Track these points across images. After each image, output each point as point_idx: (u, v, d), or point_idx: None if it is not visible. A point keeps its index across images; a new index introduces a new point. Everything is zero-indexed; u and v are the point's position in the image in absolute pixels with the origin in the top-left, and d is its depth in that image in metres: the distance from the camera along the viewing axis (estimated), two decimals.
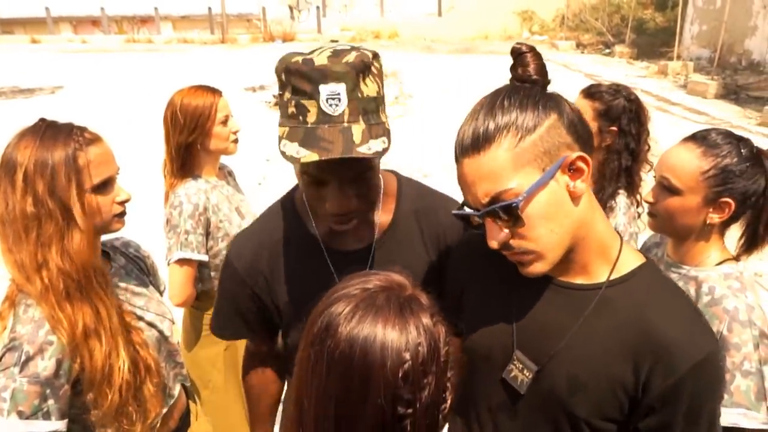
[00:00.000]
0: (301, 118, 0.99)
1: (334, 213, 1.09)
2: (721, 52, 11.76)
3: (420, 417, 0.74)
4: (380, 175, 1.26)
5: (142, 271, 1.56)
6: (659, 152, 1.51)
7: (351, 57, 0.99)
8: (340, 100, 0.98)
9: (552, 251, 0.96)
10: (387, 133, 1.05)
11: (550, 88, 0.99)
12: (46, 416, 1.19)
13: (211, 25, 22.16)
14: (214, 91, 2.10)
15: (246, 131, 2.39)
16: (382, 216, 1.25)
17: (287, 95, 1.01)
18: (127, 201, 1.36)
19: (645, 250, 1.69)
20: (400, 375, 0.72)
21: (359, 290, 0.77)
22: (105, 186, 1.30)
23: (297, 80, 0.98)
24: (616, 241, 1.02)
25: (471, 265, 1.17)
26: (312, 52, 1.01)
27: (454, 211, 1.02)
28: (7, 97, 11.46)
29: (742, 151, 1.33)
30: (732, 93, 10.69)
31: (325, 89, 0.97)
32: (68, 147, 1.23)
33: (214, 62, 15.31)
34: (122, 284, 1.44)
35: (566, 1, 18.96)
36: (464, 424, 1.15)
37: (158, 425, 1.44)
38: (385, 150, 1.02)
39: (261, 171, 6.67)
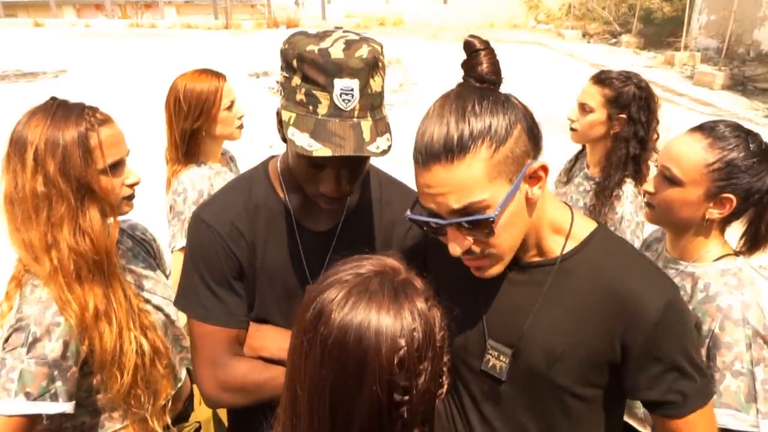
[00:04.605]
0: (311, 107, 0.99)
1: (330, 196, 1.11)
2: (730, 42, 11.64)
3: (417, 404, 0.73)
4: None
5: (149, 254, 1.56)
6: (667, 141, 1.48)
7: (364, 52, 0.99)
8: (352, 96, 0.99)
9: (509, 253, 1.00)
10: (389, 128, 1.07)
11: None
12: (54, 398, 1.19)
13: (215, 10, 22.02)
14: (218, 75, 2.05)
15: (250, 117, 2.38)
16: (350, 198, 1.27)
17: (296, 81, 1.00)
18: (136, 184, 1.36)
19: (646, 246, 1.67)
20: (395, 362, 0.71)
21: (352, 275, 0.76)
22: (115, 168, 1.29)
23: (310, 69, 0.98)
24: (568, 214, 1.06)
25: (442, 263, 1.17)
26: (323, 39, 1.00)
27: (412, 216, 1.00)
28: (10, 80, 11.43)
29: (751, 145, 1.28)
30: (739, 84, 10.60)
31: (339, 83, 0.98)
32: (80, 127, 1.23)
33: (218, 48, 15.22)
34: (130, 267, 1.44)
35: None
36: (447, 415, 1.16)
37: (169, 406, 1.45)
38: (390, 147, 1.04)
39: (264, 156, 6.64)
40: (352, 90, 0.98)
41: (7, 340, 1.20)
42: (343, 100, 0.99)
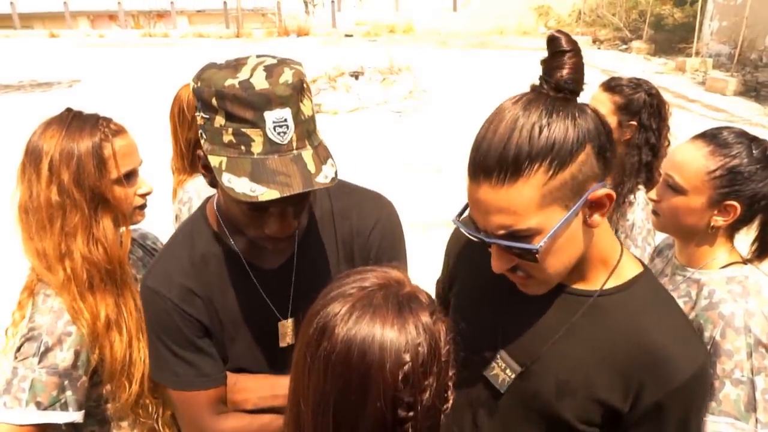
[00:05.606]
0: (243, 147, 0.90)
1: (277, 237, 1.03)
2: (742, 48, 11.55)
3: (421, 419, 0.72)
4: None
5: None
6: None
7: (288, 76, 0.91)
8: (287, 126, 0.91)
9: (556, 277, 0.95)
10: (329, 152, 1.00)
11: None
12: (64, 407, 1.20)
13: (226, 19, 22.26)
14: None
15: None
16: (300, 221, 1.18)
17: (220, 121, 0.90)
18: (149, 193, 1.37)
19: (658, 251, 1.66)
20: (400, 377, 0.69)
21: (356, 289, 0.74)
22: (129, 177, 1.31)
23: (234, 106, 0.88)
24: (617, 249, 1.00)
25: (465, 259, 1.16)
26: (238, 69, 0.92)
27: (461, 226, 0.94)
28: (26, 90, 11.62)
29: (754, 152, 1.26)
30: (752, 90, 10.51)
31: (270, 116, 0.89)
32: (94, 137, 1.24)
33: (229, 56, 15.37)
34: (140, 276, 1.44)
35: None
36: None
37: None
38: (336, 174, 0.96)
39: None
40: (285, 120, 0.90)
41: (19, 349, 1.21)
42: (278, 134, 0.90)
